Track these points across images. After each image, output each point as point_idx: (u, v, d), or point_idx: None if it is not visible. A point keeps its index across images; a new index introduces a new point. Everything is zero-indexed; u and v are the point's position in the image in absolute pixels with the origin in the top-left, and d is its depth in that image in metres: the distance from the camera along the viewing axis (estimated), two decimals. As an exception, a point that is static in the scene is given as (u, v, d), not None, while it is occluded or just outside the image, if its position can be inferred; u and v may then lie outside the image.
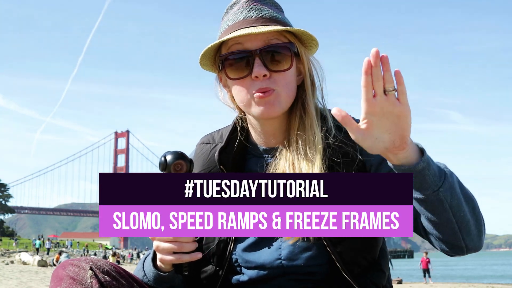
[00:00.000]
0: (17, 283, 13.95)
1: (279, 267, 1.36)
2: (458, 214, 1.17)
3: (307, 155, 1.34)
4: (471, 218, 1.20)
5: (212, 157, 1.47)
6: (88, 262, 1.22)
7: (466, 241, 1.21)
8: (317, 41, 1.41)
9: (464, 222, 1.19)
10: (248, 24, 1.36)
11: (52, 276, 1.23)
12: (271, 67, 1.35)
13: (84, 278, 1.18)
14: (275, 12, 1.41)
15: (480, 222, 1.23)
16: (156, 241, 1.27)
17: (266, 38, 1.35)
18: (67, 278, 1.18)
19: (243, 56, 1.36)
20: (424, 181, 1.13)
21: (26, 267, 22.94)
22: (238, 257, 1.40)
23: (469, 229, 1.20)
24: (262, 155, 1.47)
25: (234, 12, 1.41)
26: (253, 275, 1.39)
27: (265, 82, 1.34)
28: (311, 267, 1.35)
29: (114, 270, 1.25)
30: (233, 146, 1.47)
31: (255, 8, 1.39)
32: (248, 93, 1.37)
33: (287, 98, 1.38)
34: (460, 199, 1.17)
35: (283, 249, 1.36)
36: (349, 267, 1.32)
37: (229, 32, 1.37)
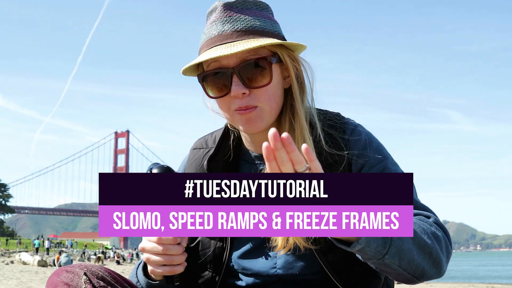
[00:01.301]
0: (17, 283, 13.96)
1: (275, 276, 1.36)
2: (409, 268, 1.17)
3: None
4: (426, 263, 1.19)
5: (203, 166, 1.45)
6: (82, 268, 1.22)
7: (421, 280, 1.22)
8: (301, 44, 1.34)
9: (417, 271, 1.18)
10: (223, 40, 1.30)
11: (47, 283, 1.23)
12: (249, 84, 1.30)
13: (79, 284, 1.18)
14: (253, 19, 1.33)
15: (439, 259, 1.21)
16: (146, 254, 1.26)
17: (242, 55, 1.29)
18: (61, 285, 1.18)
19: (221, 74, 1.31)
20: (365, 254, 1.13)
21: (26, 267, 22.94)
22: (234, 264, 1.40)
23: (423, 273, 1.20)
24: (254, 161, 1.45)
25: (210, 25, 1.35)
26: (249, 281, 1.39)
27: (245, 100, 1.30)
28: (306, 275, 1.34)
29: (109, 276, 1.24)
30: (223, 153, 1.45)
31: (229, 20, 1.32)
32: (230, 110, 1.34)
33: (271, 111, 1.34)
34: (411, 255, 1.16)
35: (278, 258, 1.35)
36: (342, 275, 1.31)
37: (205, 48, 1.33)
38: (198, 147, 1.53)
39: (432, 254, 1.20)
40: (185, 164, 1.54)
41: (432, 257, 1.20)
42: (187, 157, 1.55)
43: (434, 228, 1.24)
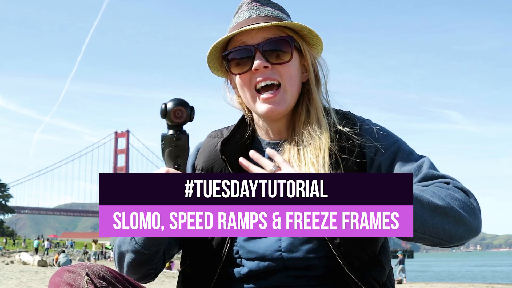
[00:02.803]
0: (17, 283, 13.96)
1: (279, 259, 1.36)
2: (427, 231, 1.23)
3: (312, 146, 1.37)
4: (446, 224, 1.24)
5: (217, 150, 1.49)
6: (84, 268, 1.22)
7: (453, 241, 1.26)
8: (319, 37, 1.45)
9: (439, 232, 1.24)
10: (249, 23, 1.42)
11: (49, 283, 1.23)
12: (271, 60, 1.40)
13: (81, 284, 1.18)
14: (277, 11, 1.46)
15: (460, 216, 1.25)
16: None
17: (266, 34, 1.41)
18: (63, 285, 1.18)
19: (244, 51, 1.42)
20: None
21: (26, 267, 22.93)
22: (239, 248, 1.41)
23: (448, 234, 1.25)
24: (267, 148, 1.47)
25: (238, 15, 1.48)
26: (253, 266, 1.39)
27: (267, 72, 1.40)
28: (310, 260, 1.35)
29: (110, 275, 1.24)
30: (237, 139, 1.50)
31: (256, 8, 1.45)
32: (251, 87, 1.42)
33: (292, 93, 1.43)
34: (422, 219, 1.21)
35: (283, 241, 1.37)
36: (348, 260, 1.33)
37: (231, 32, 1.43)
38: (213, 136, 1.57)
39: (449, 213, 1.24)
40: (199, 147, 1.58)
41: (450, 216, 1.24)
42: (203, 142, 1.59)
43: (451, 191, 1.28)
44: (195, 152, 1.59)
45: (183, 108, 1.24)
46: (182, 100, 1.25)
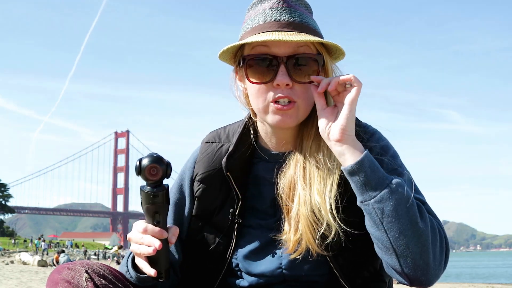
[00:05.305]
0: (17, 283, 13.97)
1: (280, 276, 1.34)
2: (392, 234, 1.14)
3: (319, 162, 1.29)
4: (413, 245, 1.14)
5: (217, 158, 1.43)
6: (84, 265, 1.21)
7: (404, 267, 1.16)
8: (344, 53, 1.34)
9: (401, 245, 1.14)
10: (279, 28, 1.29)
11: (48, 280, 1.22)
12: (295, 77, 1.29)
13: (80, 282, 1.17)
14: (306, 17, 1.34)
15: (428, 255, 1.15)
16: (133, 244, 1.21)
17: (295, 45, 1.29)
18: (62, 282, 1.17)
19: (267, 60, 1.30)
20: (355, 187, 1.16)
21: (26, 267, 22.95)
22: (239, 262, 1.38)
23: (406, 255, 1.15)
24: (270, 159, 1.42)
25: (265, 11, 1.33)
26: (253, 281, 1.37)
27: (286, 91, 1.29)
28: (311, 277, 1.33)
29: (110, 274, 1.23)
30: (241, 151, 1.41)
31: (288, 11, 1.32)
32: (267, 99, 1.31)
33: (305, 111, 1.33)
34: (399, 220, 1.13)
35: (283, 258, 1.33)
36: (350, 279, 1.30)
37: (257, 31, 1.31)
38: (211, 141, 1.48)
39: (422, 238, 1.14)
40: (196, 156, 1.49)
41: (421, 242, 1.14)
42: (199, 149, 1.50)
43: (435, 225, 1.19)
44: (192, 163, 1.50)
45: (157, 165, 1.16)
46: (157, 157, 1.17)
